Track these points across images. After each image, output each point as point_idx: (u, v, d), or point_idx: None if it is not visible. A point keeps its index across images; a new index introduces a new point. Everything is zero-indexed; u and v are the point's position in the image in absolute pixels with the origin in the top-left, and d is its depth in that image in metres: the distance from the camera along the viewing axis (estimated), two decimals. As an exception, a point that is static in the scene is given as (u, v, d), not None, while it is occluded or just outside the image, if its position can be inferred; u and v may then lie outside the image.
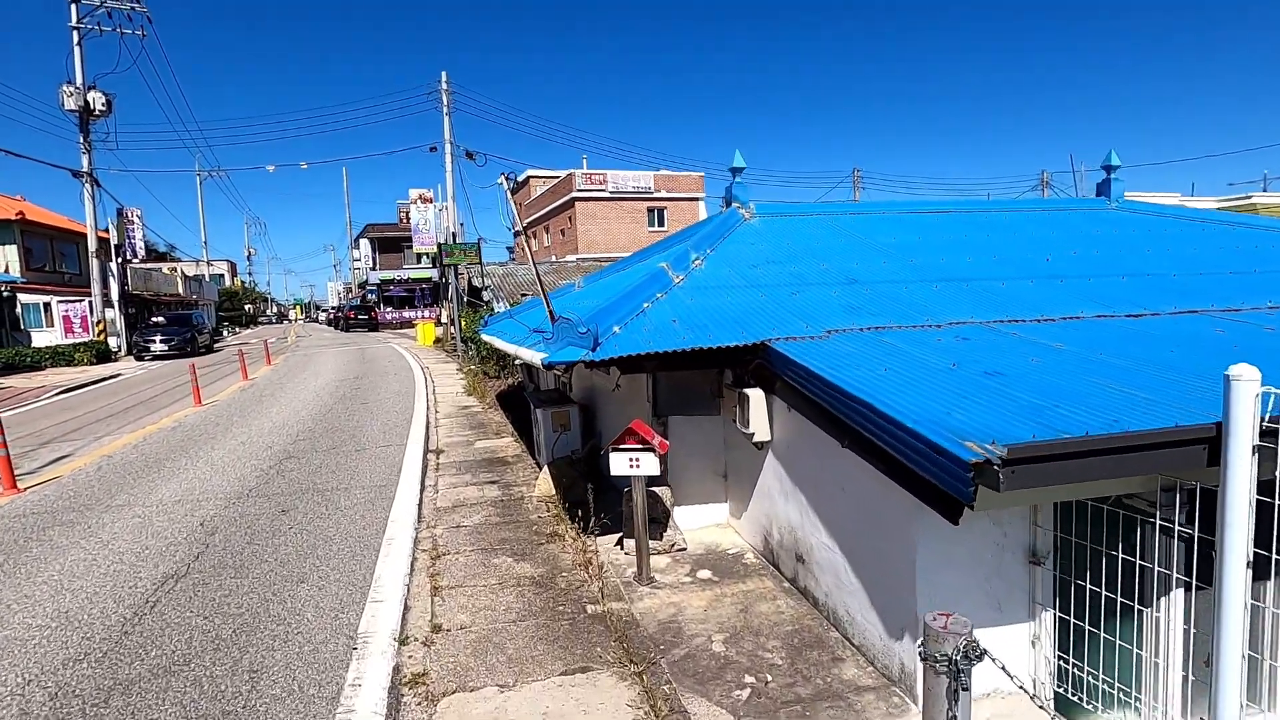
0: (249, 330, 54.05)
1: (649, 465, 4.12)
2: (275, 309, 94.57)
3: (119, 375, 19.40)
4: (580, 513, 5.19)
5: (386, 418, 10.50)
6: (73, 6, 25.38)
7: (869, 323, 4.42)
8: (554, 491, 5.87)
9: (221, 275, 62.73)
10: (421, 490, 6.46)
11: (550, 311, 5.32)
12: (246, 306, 65.69)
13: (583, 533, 5.01)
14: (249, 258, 71.40)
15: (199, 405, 12.58)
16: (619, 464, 4.16)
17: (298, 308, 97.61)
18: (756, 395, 4.19)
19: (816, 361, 3.54)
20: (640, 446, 4.13)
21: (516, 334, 6.79)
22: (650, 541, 4.41)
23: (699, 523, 5.17)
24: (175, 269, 40.22)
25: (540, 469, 6.90)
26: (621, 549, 4.79)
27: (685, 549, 4.76)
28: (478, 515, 5.70)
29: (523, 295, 21.62)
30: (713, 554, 4.71)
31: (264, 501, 6.27)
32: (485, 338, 8.42)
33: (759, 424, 4.22)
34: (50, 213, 33.66)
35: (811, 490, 3.85)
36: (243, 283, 69.97)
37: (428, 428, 9.59)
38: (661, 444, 4.14)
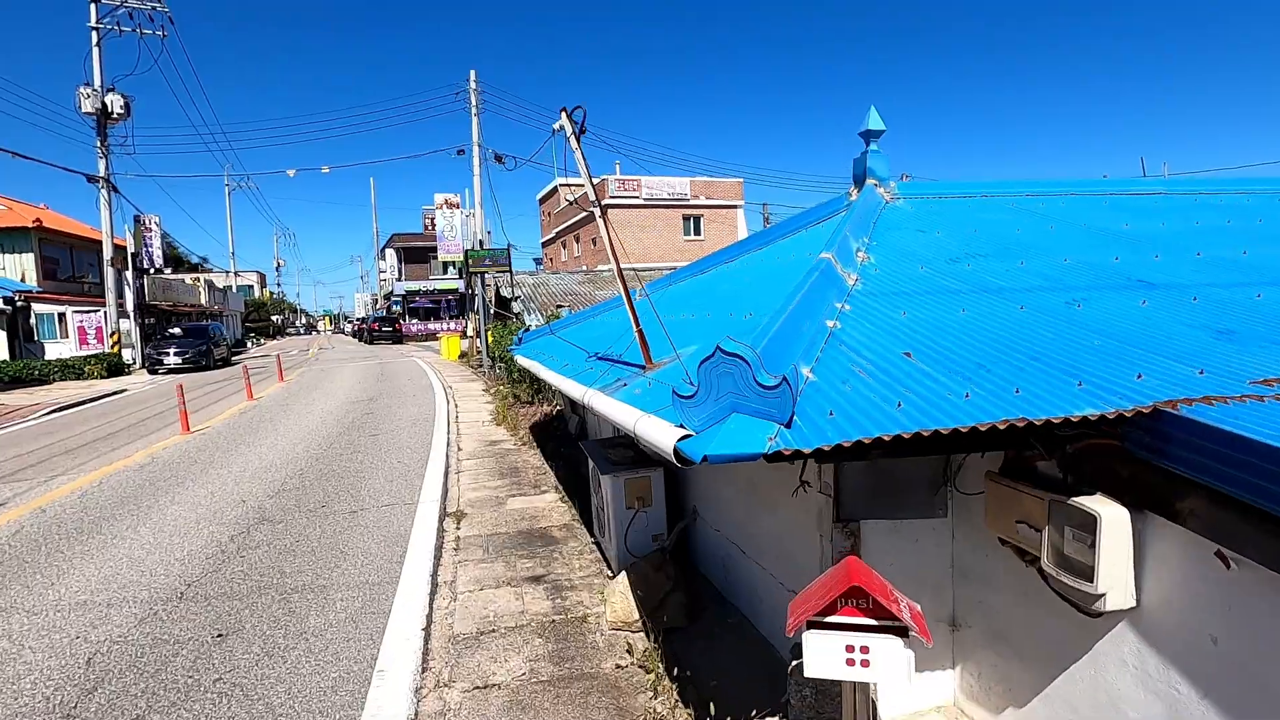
0: (275, 341, 53.05)
1: (890, 667, 1.92)
2: (305, 320, 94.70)
3: (124, 391, 17.85)
4: (683, 668, 3.02)
5: (397, 458, 8.46)
6: (92, 6, 24.36)
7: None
8: (636, 616, 3.70)
9: (251, 286, 62.17)
10: (432, 594, 4.34)
11: (640, 335, 3.18)
12: (274, 318, 65.09)
13: (701, 714, 2.85)
14: (278, 269, 71.09)
15: (186, 433, 10.74)
16: (824, 657, 1.97)
17: (326, 319, 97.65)
18: (1114, 516, 1.99)
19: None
20: (873, 624, 1.95)
21: (571, 361, 4.67)
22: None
23: (904, 705, 2.96)
24: (198, 279, 39.24)
25: (605, 560, 4.74)
26: (786, 774, 2.60)
27: (907, 779, 2.55)
28: (517, 658, 3.55)
29: (558, 307, 19.66)
30: (962, 793, 2.49)
31: (199, 612, 4.20)
32: (523, 363, 6.31)
33: (1114, 574, 2.01)
34: (72, 220, 32.81)
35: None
36: (271, 294, 69.47)
37: (446, 475, 7.50)
38: (918, 618, 1.94)
